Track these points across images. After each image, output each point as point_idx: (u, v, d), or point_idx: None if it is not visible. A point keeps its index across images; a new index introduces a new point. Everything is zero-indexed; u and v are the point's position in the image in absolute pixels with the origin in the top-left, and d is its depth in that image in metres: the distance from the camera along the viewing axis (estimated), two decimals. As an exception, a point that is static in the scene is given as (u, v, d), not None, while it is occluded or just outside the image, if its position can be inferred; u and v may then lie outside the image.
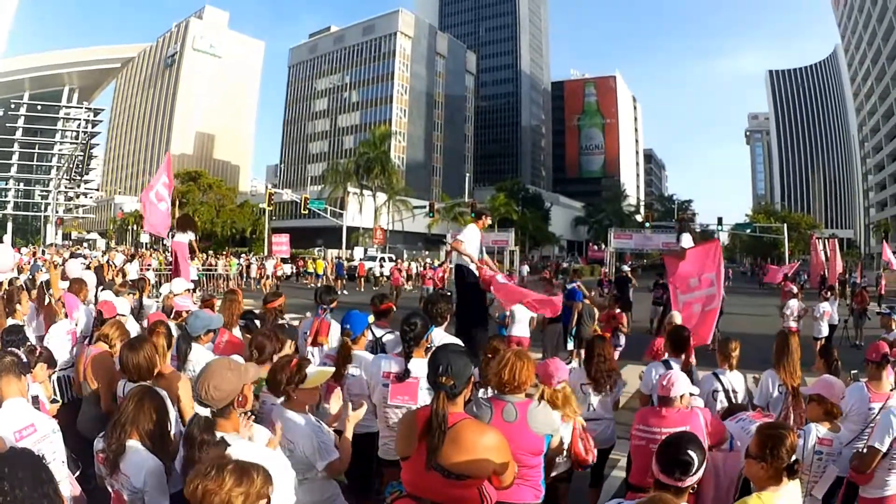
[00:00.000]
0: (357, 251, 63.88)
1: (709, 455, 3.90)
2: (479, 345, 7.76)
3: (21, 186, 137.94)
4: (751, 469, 3.61)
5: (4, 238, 76.91)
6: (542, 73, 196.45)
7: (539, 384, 5.14)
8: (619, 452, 6.90)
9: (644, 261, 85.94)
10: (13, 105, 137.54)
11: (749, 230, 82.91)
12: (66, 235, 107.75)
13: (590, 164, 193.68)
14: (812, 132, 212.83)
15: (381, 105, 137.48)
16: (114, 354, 5.73)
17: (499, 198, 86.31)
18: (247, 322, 7.58)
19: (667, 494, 3.05)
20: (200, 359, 5.63)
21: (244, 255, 54.87)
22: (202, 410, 3.62)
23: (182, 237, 12.81)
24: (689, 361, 6.93)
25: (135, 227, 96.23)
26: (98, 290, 10.05)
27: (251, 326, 7.32)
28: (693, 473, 3.22)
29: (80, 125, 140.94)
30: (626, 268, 27.04)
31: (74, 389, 6.46)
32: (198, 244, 17.98)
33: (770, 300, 29.35)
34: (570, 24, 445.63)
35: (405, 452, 3.47)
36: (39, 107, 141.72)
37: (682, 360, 6.86)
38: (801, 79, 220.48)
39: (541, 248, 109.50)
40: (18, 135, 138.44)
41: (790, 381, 6.07)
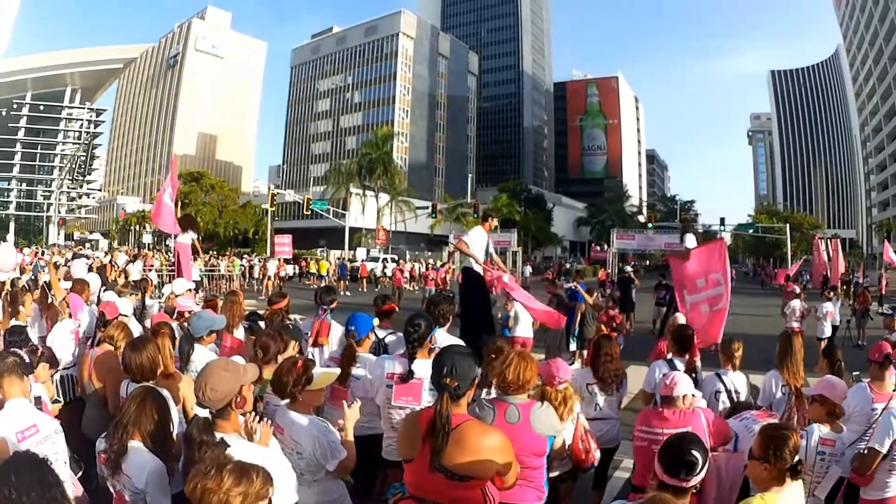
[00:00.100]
0: (360, 252, 63.83)
1: (711, 455, 3.89)
2: (484, 346, 7.80)
3: (23, 187, 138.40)
4: (754, 470, 3.61)
5: (7, 238, 76.97)
6: (545, 74, 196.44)
7: (542, 384, 5.16)
8: (622, 453, 6.91)
9: (646, 261, 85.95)
10: (16, 105, 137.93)
11: (751, 230, 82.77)
12: (69, 236, 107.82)
13: (592, 165, 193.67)
14: (814, 132, 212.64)
15: (384, 106, 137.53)
16: (118, 356, 5.72)
17: (501, 198, 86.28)
18: (251, 323, 7.58)
19: (666, 494, 3.06)
20: (203, 360, 5.60)
21: (246, 256, 54.93)
22: (202, 411, 3.62)
23: (184, 238, 12.83)
24: (694, 360, 6.93)
25: (137, 228, 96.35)
26: (101, 291, 10.05)
27: (255, 328, 7.32)
28: (696, 474, 3.24)
29: (83, 125, 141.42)
30: (629, 268, 27.02)
31: (78, 390, 6.46)
32: (200, 245, 17.94)
33: (772, 300, 29.34)
34: (572, 25, 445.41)
35: (408, 454, 3.47)
36: (42, 107, 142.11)
37: (687, 360, 6.86)
38: (803, 79, 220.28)
39: (543, 249, 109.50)
40: (21, 135, 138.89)
41: (793, 382, 6.07)
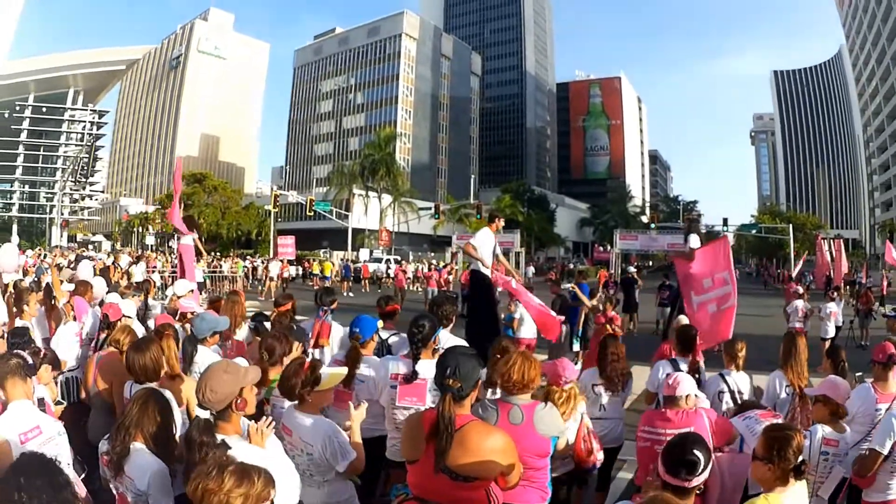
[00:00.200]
0: (363, 253, 63.77)
1: (714, 456, 3.88)
2: (490, 348, 7.83)
3: (26, 188, 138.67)
4: (758, 470, 3.60)
5: (10, 240, 76.95)
6: (547, 75, 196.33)
7: (547, 383, 5.17)
8: (625, 454, 6.91)
9: (650, 262, 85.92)
10: (18, 107, 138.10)
11: (754, 231, 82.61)
12: (72, 237, 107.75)
13: (595, 166, 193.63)
14: (817, 132, 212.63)
15: (386, 107, 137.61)
16: (124, 359, 5.71)
17: (504, 199, 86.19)
18: (256, 324, 7.57)
19: (667, 493, 3.05)
20: (206, 361, 5.56)
21: (249, 258, 54.99)
22: (204, 413, 3.62)
23: (187, 239, 12.83)
24: (697, 360, 6.93)
25: (140, 230, 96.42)
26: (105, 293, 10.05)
27: (261, 329, 7.30)
28: (699, 474, 3.23)
29: (85, 127, 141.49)
30: (632, 269, 27.01)
31: (82, 393, 6.45)
32: (203, 246, 17.97)
33: (775, 301, 29.31)
34: (575, 26, 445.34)
35: (412, 455, 3.46)
36: (44, 109, 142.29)
37: (690, 360, 6.87)
38: (806, 79, 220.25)
39: (546, 250, 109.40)
40: (23, 137, 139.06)
41: (797, 382, 6.07)
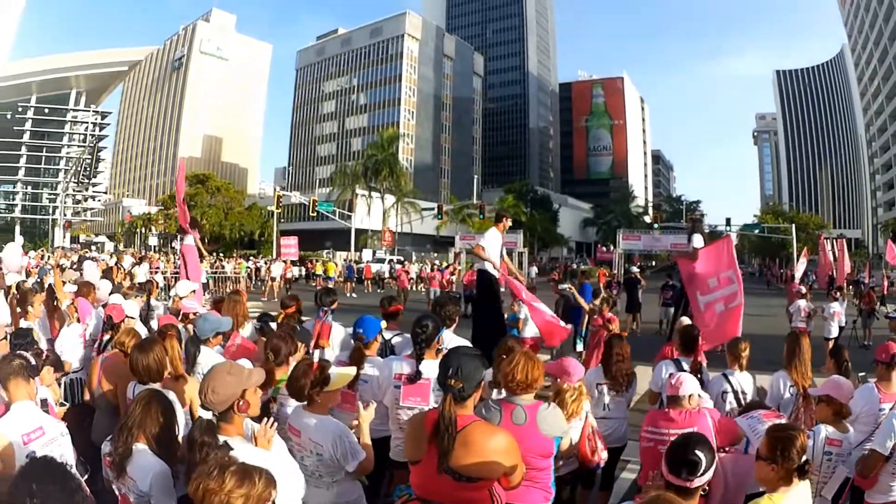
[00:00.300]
0: (366, 253, 63.77)
1: (717, 456, 3.87)
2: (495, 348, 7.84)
3: (29, 190, 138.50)
4: (761, 471, 3.59)
5: (13, 241, 77.03)
6: (550, 75, 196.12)
7: (558, 381, 5.17)
8: (629, 454, 6.91)
9: (653, 262, 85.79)
10: (20, 108, 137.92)
11: (757, 231, 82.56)
12: (74, 238, 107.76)
13: (598, 166, 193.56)
14: (819, 132, 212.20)
15: (389, 107, 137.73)
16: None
17: (507, 199, 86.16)
18: (262, 325, 7.56)
19: (669, 493, 3.04)
20: (209, 361, 5.58)
21: (252, 258, 55.06)
22: (207, 414, 3.62)
23: (189, 240, 12.83)
24: (699, 361, 6.93)
25: (143, 230, 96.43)
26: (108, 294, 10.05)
27: (266, 329, 7.29)
28: (701, 474, 3.21)
29: (88, 128, 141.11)
30: (636, 269, 26.97)
31: (86, 395, 6.45)
32: (205, 246, 18.00)
33: (778, 300, 29.31)
34: (577, 26, 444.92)
35: (414, 456, 3.46)
36: (47, 110, 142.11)
37: (691, 360, 6.86)
38: (809, 79, 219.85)
39: (549, 250, 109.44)
40: (26, 138, 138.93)
41: (801, 382, 6.06)
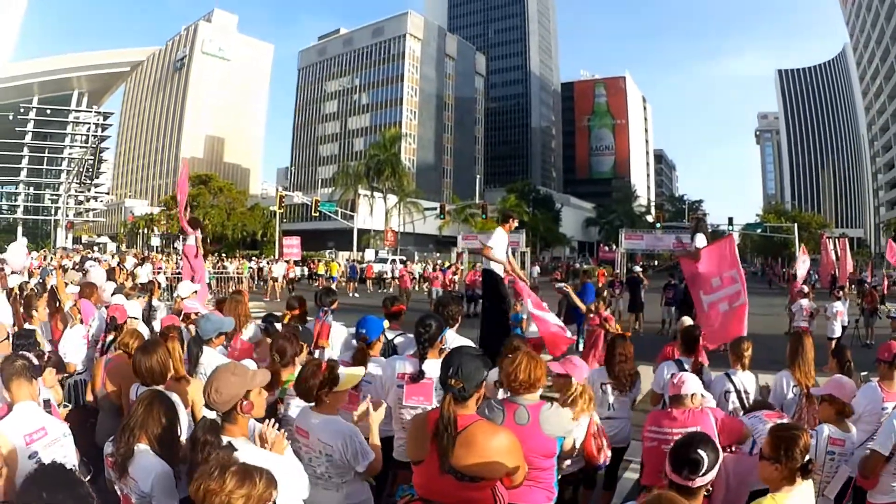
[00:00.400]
0: (368, 253, 63.81)
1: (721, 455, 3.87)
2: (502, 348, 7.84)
3: (31, 190, 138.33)
4: (765, 470, 3.59)
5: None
6: (552, 75, 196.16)
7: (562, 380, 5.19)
8: (632, 454, 6.89)
9: (655, 261, 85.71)
10: (23, 109, 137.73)
11: (760, 230, 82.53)
12: (77, 239, 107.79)
13: (600, 165, 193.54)
14: (822, 131, 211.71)
15: (391, 107, 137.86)
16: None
17: (509, 199, 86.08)
18: (267, 325, 7.55)
19: (671, 492, 3.03)
20: (212, 362, 5.57)
21: (255, 259, 55.10)
22: (211, 413, 3.62)
23: (191, 240, 12.83)
24: (699, 361, 6.93)
25: (145, 231, 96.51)
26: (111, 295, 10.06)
27: (271, 329, 7.28)
28: (703, 473, 3.21)
29: (90, 129, 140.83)
30: (638, 268, 26.98)
31: (90, 396, 6.44)
32: (207, 246, 17.99)
33: (780, 300, 29.25)
34: (578, 26, 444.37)
35: (417, 456, 3.47)
36: (49, 111, 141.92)
37: (692, 360, 6.86)
38: (811, 78, 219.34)
39: (552, 250, 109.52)
40: (28, 139, 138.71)
41: (805, 382, 6.05)
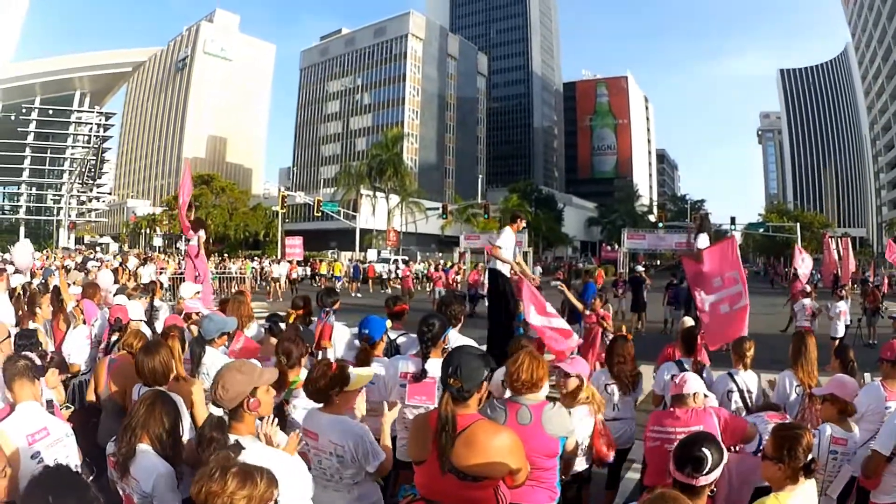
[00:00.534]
0: (370, 253, 63.81)
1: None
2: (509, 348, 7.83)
3: (33, 191, 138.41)
4: (768, 470, 3.59)
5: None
6: (554, 74, 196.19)
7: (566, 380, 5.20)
8: (634, 455, 6.89)
9: (657, 261, 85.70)
10: (25, 110, 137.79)
11: (762, 230, 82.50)
12: (79, 239, 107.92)
13: (602, 165, 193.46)
14: (824, 131, 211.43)
15: (393, 107, 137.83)
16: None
17: (512, 199, 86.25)
18: (271, 325, 7.54)
19: (674, 491, 3.01)
20: (214, 362, 5.61)
21: (257, 259, 55.13)
22: (218, 411, 3.62)
23: (194, 240, 12.83)
24: (700, 361, 6.92)
25: (147, 231, 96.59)
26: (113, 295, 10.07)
27: (275, 330, 7.28)
28: (707, 472, 3.21)
29: (92, 129, 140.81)
30: (641, 268, 27.00)
31: (92, 397, 6.44)
32: (208, 246, 17.97)
33: (782, 300, 29.19)
34: (580, 26, 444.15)
35: (419, 456, 3.46)
36: (51, 111, 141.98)
37: (692, 361, 6.86)
38: (813, 77, 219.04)
39: (554, 249, 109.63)
40: (30, 139, 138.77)
41: (808, 381, 6.06)
